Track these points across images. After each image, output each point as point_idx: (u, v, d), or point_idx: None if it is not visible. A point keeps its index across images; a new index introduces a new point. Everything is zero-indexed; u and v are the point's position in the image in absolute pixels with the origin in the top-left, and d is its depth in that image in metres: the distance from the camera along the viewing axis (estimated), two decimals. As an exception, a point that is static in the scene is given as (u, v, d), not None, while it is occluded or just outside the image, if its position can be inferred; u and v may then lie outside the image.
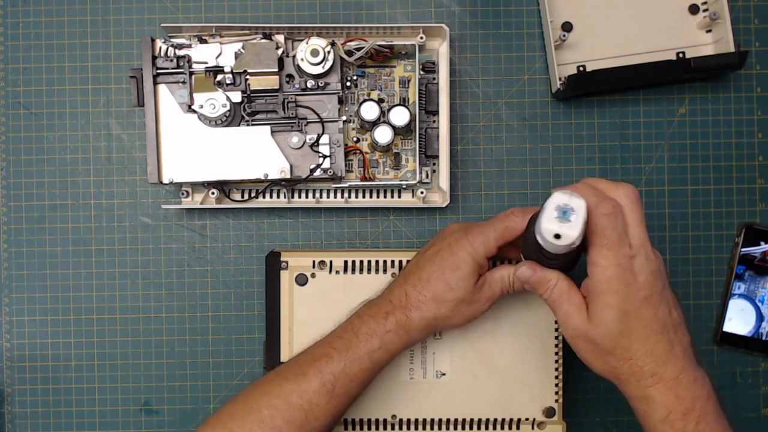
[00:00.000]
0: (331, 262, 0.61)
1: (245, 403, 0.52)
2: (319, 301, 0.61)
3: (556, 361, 0.61)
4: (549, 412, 0.61)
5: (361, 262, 0.61)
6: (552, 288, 0.49)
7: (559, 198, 0.44)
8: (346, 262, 0.61)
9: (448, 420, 0.61)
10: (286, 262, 0.61)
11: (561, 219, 0.44)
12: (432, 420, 0.61)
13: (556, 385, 0.61)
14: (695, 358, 0.49)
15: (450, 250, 0.53)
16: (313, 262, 0.61)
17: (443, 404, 0.60)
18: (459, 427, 0.61)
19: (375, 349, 0.53)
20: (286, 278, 0.61)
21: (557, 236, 0.44)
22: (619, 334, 0.46)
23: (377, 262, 0.61)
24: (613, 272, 0.45)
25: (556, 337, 0.61)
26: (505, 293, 0.54)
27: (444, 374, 0.61)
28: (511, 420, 0.61)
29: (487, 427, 0.61)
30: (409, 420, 0.61)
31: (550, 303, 0.49)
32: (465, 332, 0.60)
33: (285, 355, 0.61)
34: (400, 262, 0.61)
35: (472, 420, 0.61)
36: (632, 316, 0.46)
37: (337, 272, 0.61)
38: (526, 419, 0.61)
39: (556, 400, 0.61)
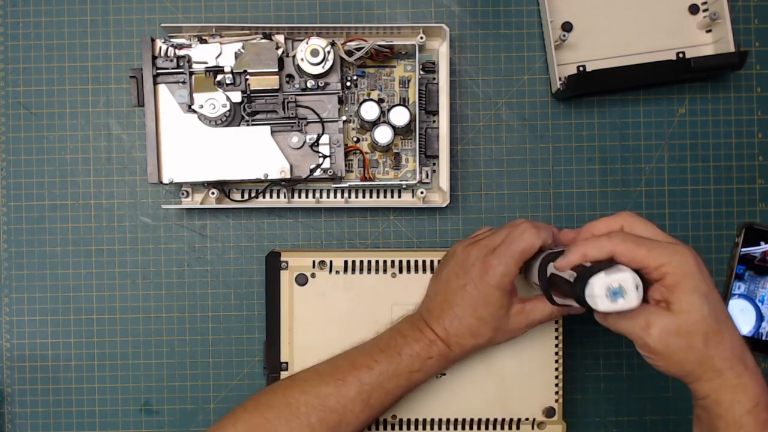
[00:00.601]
0: (331, 262, 0.61)
1: (284, 396, 0.54)
2: (319, 301, 0.61)
3: (556, 361, 0.61)
4: (549, 412, 0.61)
5: (361, 262, 0.61)
6: (620, 321, 0.48)
7: (603, 281, 0.44)
8: (346, 262, 0.61)
9: (448, 420, 0.61)
10: (286, 262, 0.61)
11: (615, 299, 0.44)
12: (432, 420, 0.61)
13: (556, 385, 0.61)
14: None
15: (475, 287, 0.54)
16: (313, 262, 0.61)
17: (443, 404, 0.60)
18: (459, 427, 0.61)
19: (415, 371, 0.55)
20: (286, 278, 0.61)
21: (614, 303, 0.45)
22: (709, 316, 0.45)
23: (377, 262, 0.61)
24: (679, 262, 0.46)
25: (556, 337, 0.61)
26: (544, 322, 0.56)
27: (444, 374, 0.61)
28: (511, 420, 0.61)
29: (487, 427, 0.61)
30: (409, 420, 0.61)
31: (626, 333, 0.48)
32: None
33: (285, 355, 0.61)
34: (400, 262, 0.61)
35: (472, 420, 0.61)
36: (712, 297, 0.46)
37: (337, 272, 0.61)
38: (526, 419, 0.61)
39: (556, 400, 0.61)
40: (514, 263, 0.52)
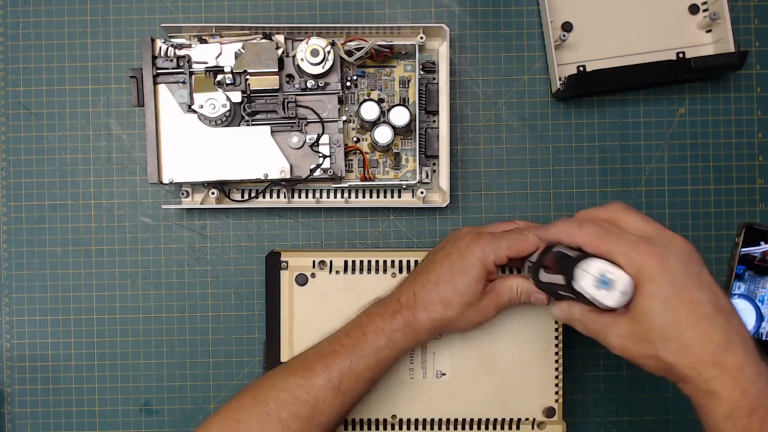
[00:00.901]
0: (331, 262, 0.61)
1: (253, 395, 0.53)
2: (319, 301, 0.61)
3: (556, 361, 0.61)
4: (549, 412, 0.61)
5: (361, 262, 0.61)
6: (580, 320, 0.49)
7: (600, 266, 0.45)
8: (346, 262, 0.61)
9: (448, 420, 0.61)
10: (286, 262, 0.61)
11: (599, 287, 0.44)
12: (432, 420, 0.61)
13: (556, 385, 0.61)
14: (758, 353, 0.44)
15: (459, 254, 0.53)
16: (313, 262, 0.61)
17: (443, 404, 0.60)
18: (459, 427, 0.61)
19: (381, 347, 0.53)
20: (286, 278, 0.61)
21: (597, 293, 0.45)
22: (666, 323, 0.44)
23: (377, 262, 0.61)
24: (640, 263, 0.44)
25: (556, 337, 0.61)
26: (512, 303, 0.55)
27: (444, 374, 0.61)
28: (511, 420, 0.61)
29: (487, 427, 0.61)
30: (409, 420, 0.61)
31: (586, 332, 0.49)
32: (465, 332, 0.60)
33: (285, 355, 0.61)
34: (400, 262, 0.61)
35: (472, 420, 0.61)
36: (674, 301, 0.44)
37: (337, 272, 0.61)
38: (526, 419, 0.61)
39: (556, 400, 0.61)
40: (506, 247, 0.52)
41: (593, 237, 0.46)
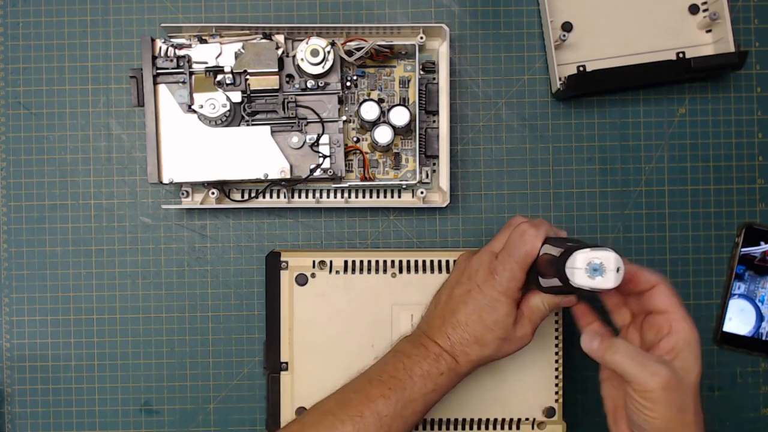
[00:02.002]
0: (331, 262, 0.61)
1: None
2: (319, 301, 0.61)
3: (556, 361, 0.61)
4: (549, 412, 0.61)
5: (361, 262, 0.61)
6: (627, 362, 0.48)
7: (585, 256, 0.45)
8: (346, 262, 0.61)
9: (448, 420, 0.61)
10: (286, 262, 0.61)
11: (593, 276, 0.45)
12: (432, 420, 0.61)
13: (556, 385, 0.61)
14: None
15: (481, 292, 0.52)
16: (313, 262, 0.61)
17: (443, 405, 0.60)
18: (459, 427, 0.61)
19: (429, 392, 0.52)
20: (286, 278, 0.61)
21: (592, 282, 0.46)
22: (696, 384, 0.48)
23: (377, 262, 0.61)
24: (690, 340, 0.48)
25: (556, 337, 0.61)
26: (544, 318, 0.54)
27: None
28: (511, 420, 0.61)
29: (487, 427, 0.61)
30: None
31: (628, 374, 0.48)
32: None
33: (285, 355, 0.61)
34: (400, 262, 0.61)
35: (472, 420, 0.61)
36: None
37: (337, 272, 0.61)
38: (526, 419, 0.61)
39: (556, 400, 0.61)
40: (519, 268, 0.51)
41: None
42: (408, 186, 0.64)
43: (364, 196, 0.65)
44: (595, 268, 0.45)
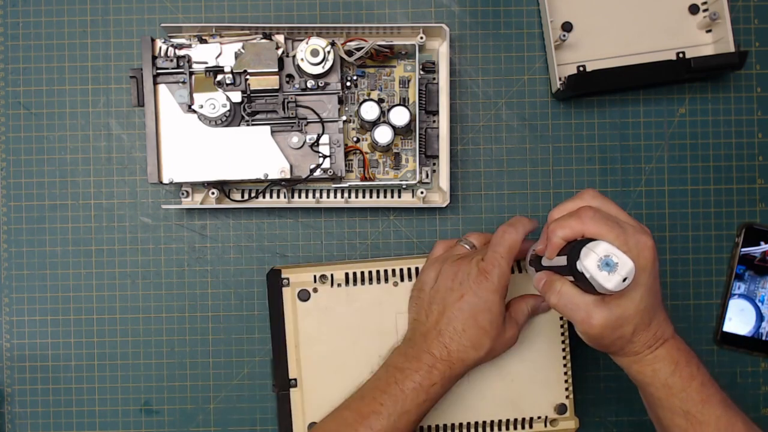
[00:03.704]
0: (332, 275, 0.61)
1: None
2: (323, 316, 0.61)
3: (564, 357, 0.61)
4: (560, 409, 0.61)
5: (362, 273, 0.61)
6: (563, 291, 0.50)
7: (607, 248, 0.45)
8: (347, 275, 0.61)
9: (461, 424, 0.60)
10: (287, 279, 0.61)
11: (602, 268, 0.45)
12: (444, 426, 0.60)
13: (566, 381, 0.61)
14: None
15: (475, 294, 0.54)
16: (314, 276, 0.61)
17: (455, 409, 0.60)
18: (472, 430, 0.61)
19: (422, 402, 0.53)
20: (288, 295, 0.61)
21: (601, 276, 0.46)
22: (644, 309, 0.48)
23: (378, 272, 0.61)
24: (636, 254, 0.47)
25: (563, 333, 0.61)
26: (526, 321, 0.58)
27: None
28: (524, 419, 0.61)
29: (500, 428, 0.61)
30: (422, 427, 0.60)
31: (563, 308, 0.50)
32: None
33: (293, 372, 0.61)
34: (401, 270, 0.61)
35: (484, 422, 0.60)
36: (653, 290, 0.49)
37: (339, 285, 0.61)
38: (538, 417, 0.61)
39: (567, 397, 0.61)
40: (506, 262, 0.53)
41: (595, 225, 0.47)
42: (408, 186, 0.64)
43: (364, 196, 0.65)
44: (608, 263, 0.45)
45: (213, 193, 0.63)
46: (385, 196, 0.65)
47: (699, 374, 0.51)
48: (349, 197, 0.65)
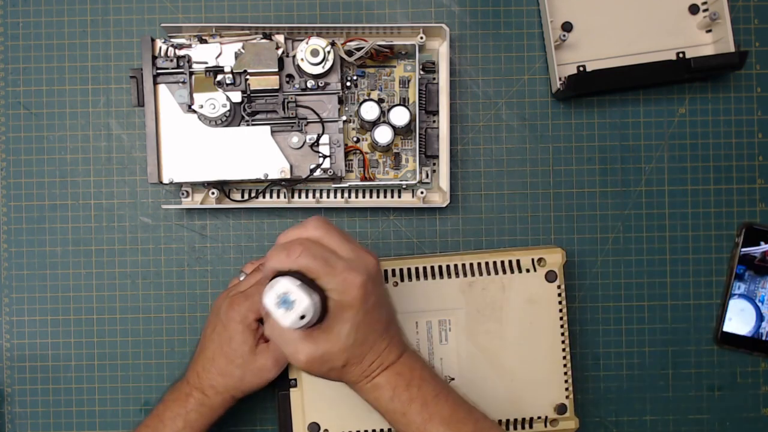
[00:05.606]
0: None
1: None
2: None
3: (564, 357, 0.61)
4: (560, 409, 0.61)
5: None
6: (271, 333, 0.51)
7: (285, 286, 0.45)
8: None
9: None
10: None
11: (280, 306, 0.45)
12: None
13: (566, 381, 0.61)
14: (406, 341, 0.55)
15: (223, 325, 0.56)
16: None
17: None
18: None
19: (180, 429, 0.56)
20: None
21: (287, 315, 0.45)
22: (354, 344, 0.49)
23: None
24: (342, 292, 0.48)
25: (562, 333, 0.61)
26: (281, 350, 0.55)
27: (453, 379, 0.61)
28: (524, 419, 0.61)
29: None
30: None
31: (276, 340, 0.50)
32: (471, 335, 0.60)
33: (293, 372, 0.61)
34: (401, 270, 0.61)
35: None
36: (363, 325, 0.49)
37: None
38: (539, 417, 0.61)
39: (567, 397, 0.61)
40: (257, 302, 0.54)
41: (304, 260, 0.47)
42: (408, 186, 0.64)
43: (364, 196, 0.65)
44: (285, 300, 0.45)
45: (213, 193, 0.63)
46: (385, 196, 0.65)
47: (419, 395, 0.51)
48: (349, 197, 0.65)
